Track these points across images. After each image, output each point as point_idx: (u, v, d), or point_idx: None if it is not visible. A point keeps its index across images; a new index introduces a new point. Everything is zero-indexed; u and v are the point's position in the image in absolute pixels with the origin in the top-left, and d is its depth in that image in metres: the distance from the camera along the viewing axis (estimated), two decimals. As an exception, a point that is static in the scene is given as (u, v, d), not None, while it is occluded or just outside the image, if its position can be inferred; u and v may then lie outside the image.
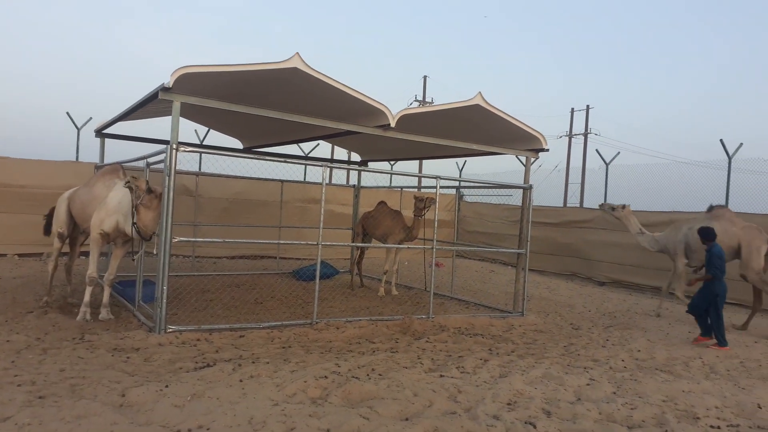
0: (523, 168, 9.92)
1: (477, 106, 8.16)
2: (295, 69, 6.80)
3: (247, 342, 6.45)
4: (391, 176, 16.84)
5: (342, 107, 7.92)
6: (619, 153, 15.19)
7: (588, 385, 5.56)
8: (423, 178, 15.60)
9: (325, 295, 9.66)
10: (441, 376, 5.48)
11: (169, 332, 6.42)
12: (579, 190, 27.70)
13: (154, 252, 6.71)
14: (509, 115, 8.54)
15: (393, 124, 7.60)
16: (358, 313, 8.58)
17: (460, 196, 18.43)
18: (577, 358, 6.68)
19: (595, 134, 35.53)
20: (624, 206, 10.40)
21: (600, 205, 10.91)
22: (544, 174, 21.69)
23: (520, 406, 4.79)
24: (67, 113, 13.87)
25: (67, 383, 4.57)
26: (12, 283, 9.28)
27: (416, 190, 15.74)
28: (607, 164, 14.97)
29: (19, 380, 4.56)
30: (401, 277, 12.13)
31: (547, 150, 9.43)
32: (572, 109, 35.79)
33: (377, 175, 15.45)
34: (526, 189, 9.53)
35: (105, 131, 10.59)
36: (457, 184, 12.77)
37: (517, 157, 13.25)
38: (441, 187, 8.77)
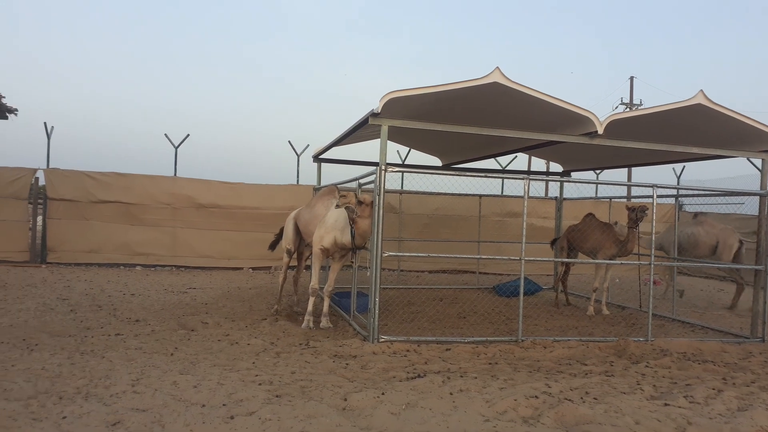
0: (758, 172, 8.68)
1: (698, 105, 7.36)
2: (495, 83, 6.80)
3: (454, 355, 6.54)
4: (596, 186, 15.89)
5: (543, 117, 7.73)
6: None
7: None
8: (635, 187, 14.43)
9: (528, 312, 9.42)
10: (666, 404, 4.98)
11: (382, 342, 6.79)
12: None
13: (367, 266, 7.16)
14: (739, 113, 7.54)
15: (601, 131, 7.19)
16: (566, 333, 8.21)
17: (680, 206, 16.72)
18: (843, 396, 5.58)
19: None
20: (616, 222, 10.55)
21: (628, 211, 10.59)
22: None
23: (768, 447, 4.14)
24: (289, 142, 15.54)
25: (297, 385, 5.07)
26: (248, 293, 10.62)
27: (626, 200, 14.64)
28: None
29: (259, 379, 5.18)
30: (612, 296, 11.33)
31: (790, 150, 8.15)
32: (818, 100, 30.37)
33: (581, 186, 14.68)
34: (764, 196, 8.31)
35: (321, 156, 11.66)
36: (675, 192, 11.57)
37: (749, 159, 11.56)
38: (657, 197, 8.03)
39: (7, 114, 10.26)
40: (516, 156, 16.09)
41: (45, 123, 14.00)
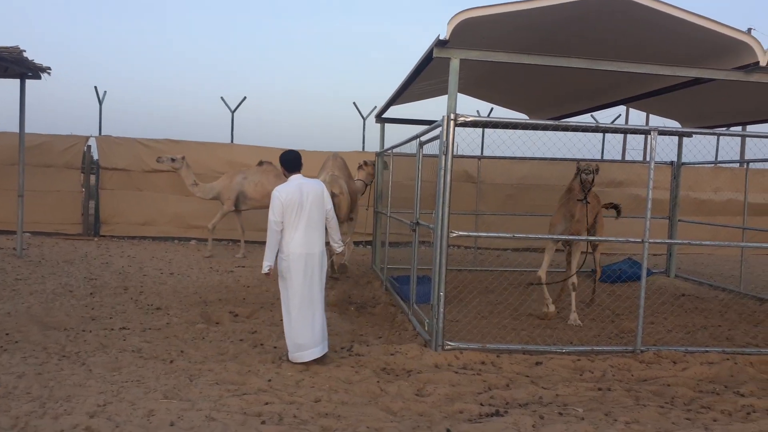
0: None
1: None
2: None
3: (547, 373, 4.78)
4: (742, 148, 13.16)
5: (677, 46, 5.69)
6: None
7: None
8: None
9: (635, 303, 7.42)
10: None
11: (448, 350, 5.12)
12: None
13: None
14: None
15: (763, 63, 5.05)
16: (696, 336, 6.23)
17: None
18: None
19: None
20: (183, 157, 10.52)
21: (158, 159, 10.63)
22: None
23: None
24: (354, 104, 13.95)
25: (318, 425, 3.51)
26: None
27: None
28: None
29: (267, 412, 3.67)
30: (745, 284, 9.08)
31: None
32: None
33: (701, 149, 12.13)
34: None
35: (384, 116, 10.02)
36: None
37: None
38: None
39: (39, 72, 9.25)
40: (620, 115, 13.78)
41: (96, 87, 13.19)
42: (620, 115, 13.18)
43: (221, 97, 13.68)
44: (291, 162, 4.86)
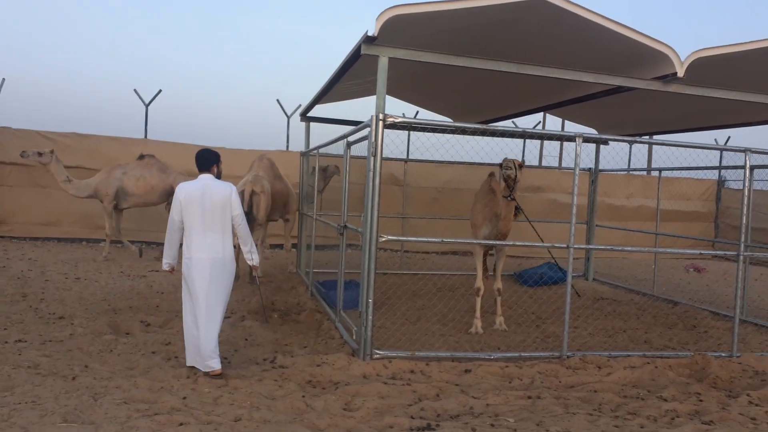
0: None
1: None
2: (542, 1, 4.85)
3: (476, 381, 4.70)
4: (650, 156, 13.72)
5: (599, 54, 5.80)
6: None
7: None
8: (726, 153, 11.67)
9: (560, 307, 7.55)
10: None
11: (376, 359, 4.95)
12: None
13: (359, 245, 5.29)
14: None
15: (681, 73, 5.21)
16: (617, 340, 6.40)
17: (722, 182, 14.81)
18: None
19: None
20: (52, 151, 9.60)
21: (22, 153, 9.39)
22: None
23: None
24: (278, 101, 13.56)
25: (237, 448, 3.24)
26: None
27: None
28: None
29: (181, 434, 3.35)
30: (657, 287, 9.51)
31: None
32: None
33: (620, 157, 12.62)
34: None
35: (310, 114, 9.73)
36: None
37: None
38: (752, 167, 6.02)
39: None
40: (539, 122, 14.13)
41: (-6, 74, 12.08)
42: (539, 121, 13.53)
43: (134, 90, 12.92)
44: (199, 160, 4.66)
